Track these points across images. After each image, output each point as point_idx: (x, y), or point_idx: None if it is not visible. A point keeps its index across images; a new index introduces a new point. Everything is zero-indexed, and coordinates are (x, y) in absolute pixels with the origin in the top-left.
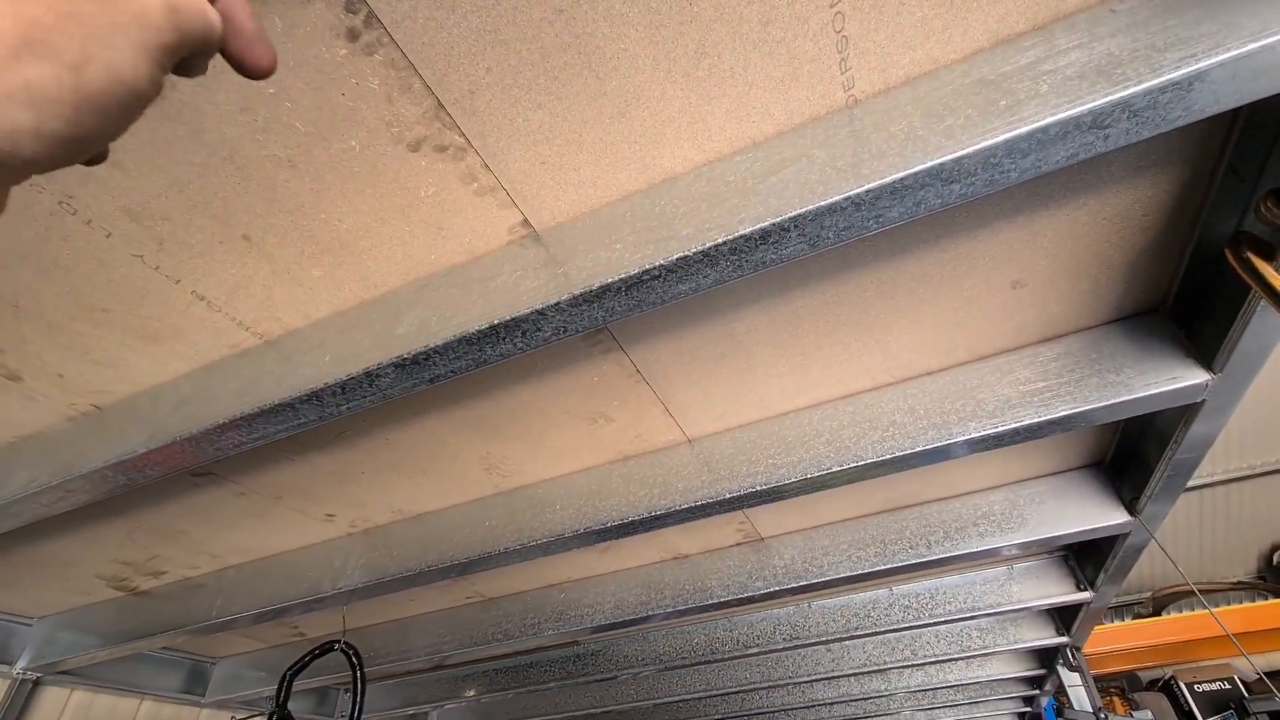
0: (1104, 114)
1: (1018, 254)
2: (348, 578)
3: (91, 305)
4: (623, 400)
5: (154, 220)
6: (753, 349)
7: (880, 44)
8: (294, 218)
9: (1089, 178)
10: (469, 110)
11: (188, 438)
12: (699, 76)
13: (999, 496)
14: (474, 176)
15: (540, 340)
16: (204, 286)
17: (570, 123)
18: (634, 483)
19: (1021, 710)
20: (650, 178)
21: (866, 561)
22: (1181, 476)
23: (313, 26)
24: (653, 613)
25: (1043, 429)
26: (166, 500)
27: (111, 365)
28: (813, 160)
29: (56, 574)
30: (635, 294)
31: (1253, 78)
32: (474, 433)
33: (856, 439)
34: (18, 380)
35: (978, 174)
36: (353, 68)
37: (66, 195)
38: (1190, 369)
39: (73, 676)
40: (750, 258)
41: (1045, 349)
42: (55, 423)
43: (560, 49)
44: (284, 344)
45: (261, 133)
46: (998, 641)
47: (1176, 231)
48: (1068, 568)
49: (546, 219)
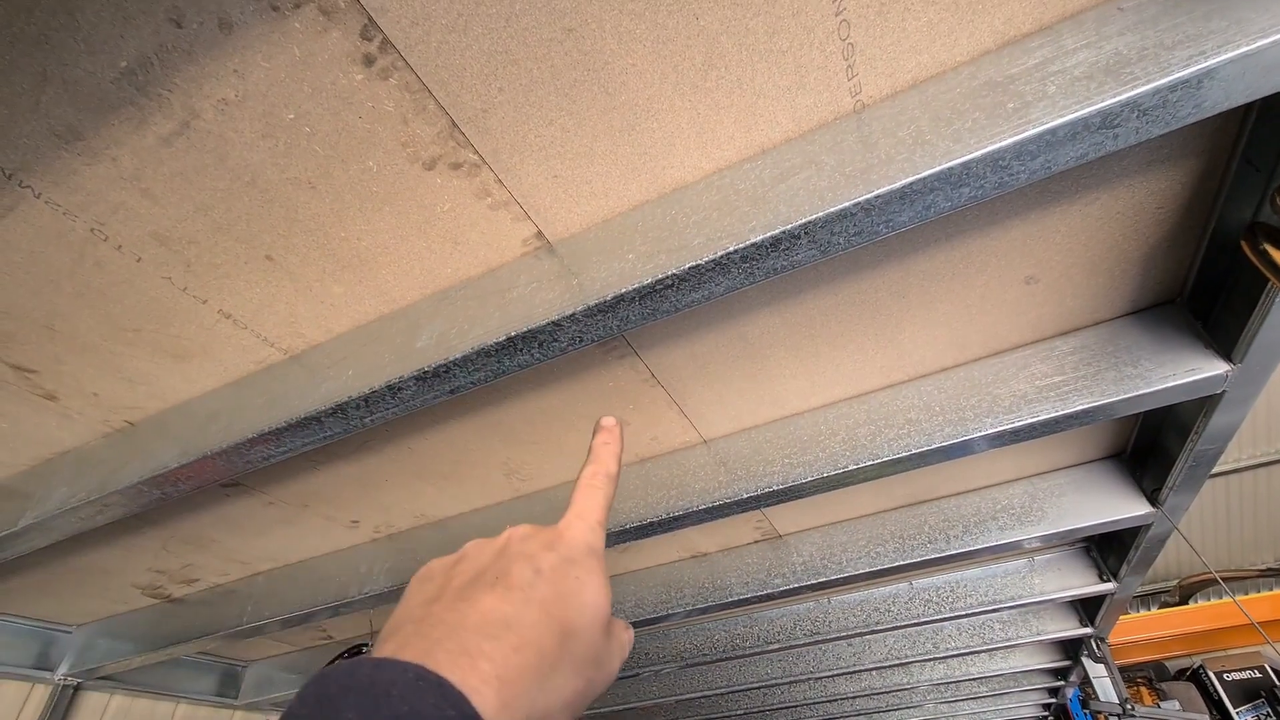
0: (1113, 114)
1: (1030, 250)
2: (373, 582)
3: (123, 326)
4: (638, 404)
5: (182, 244)
6: (766, 351)
7: (886, 49)
8: (315, 237)
9: (1101, 173)
10: (482, 128)
11: (218, 452)
12: (707, 88)
13: (1019, 490)
14: (488, 192)
15: (557, 350)
16: (230, 305)
17: (581, 137)
18: (652, 484)
19: (1046, 702)
20: (661, 188)
21: (886, 557)
22: (1204, 467)
23: (329, 55)
24: (673, 611)
25: (1060, 423)
26: (198, 511)
27: (144, 383)
28: (822, 167)
29: (94, 583)
30: (649, 303)
31: (1264, 73)
32: (494, 438)
33: (872, 437)
34: (54, 399)
35: (986, 177)
36: (369, 92)
37: (98, 223)
38: (1209, 360)
39: (112, 681)
40: (762, 265)
41: (1061, 343)
42: (91, 439)
43: (570, 66)
44: (308, 359)
45: (283, 157)
46: (1020, 634)
47: (1191, 223)
48: (1090, 559)
49: (560, 231)
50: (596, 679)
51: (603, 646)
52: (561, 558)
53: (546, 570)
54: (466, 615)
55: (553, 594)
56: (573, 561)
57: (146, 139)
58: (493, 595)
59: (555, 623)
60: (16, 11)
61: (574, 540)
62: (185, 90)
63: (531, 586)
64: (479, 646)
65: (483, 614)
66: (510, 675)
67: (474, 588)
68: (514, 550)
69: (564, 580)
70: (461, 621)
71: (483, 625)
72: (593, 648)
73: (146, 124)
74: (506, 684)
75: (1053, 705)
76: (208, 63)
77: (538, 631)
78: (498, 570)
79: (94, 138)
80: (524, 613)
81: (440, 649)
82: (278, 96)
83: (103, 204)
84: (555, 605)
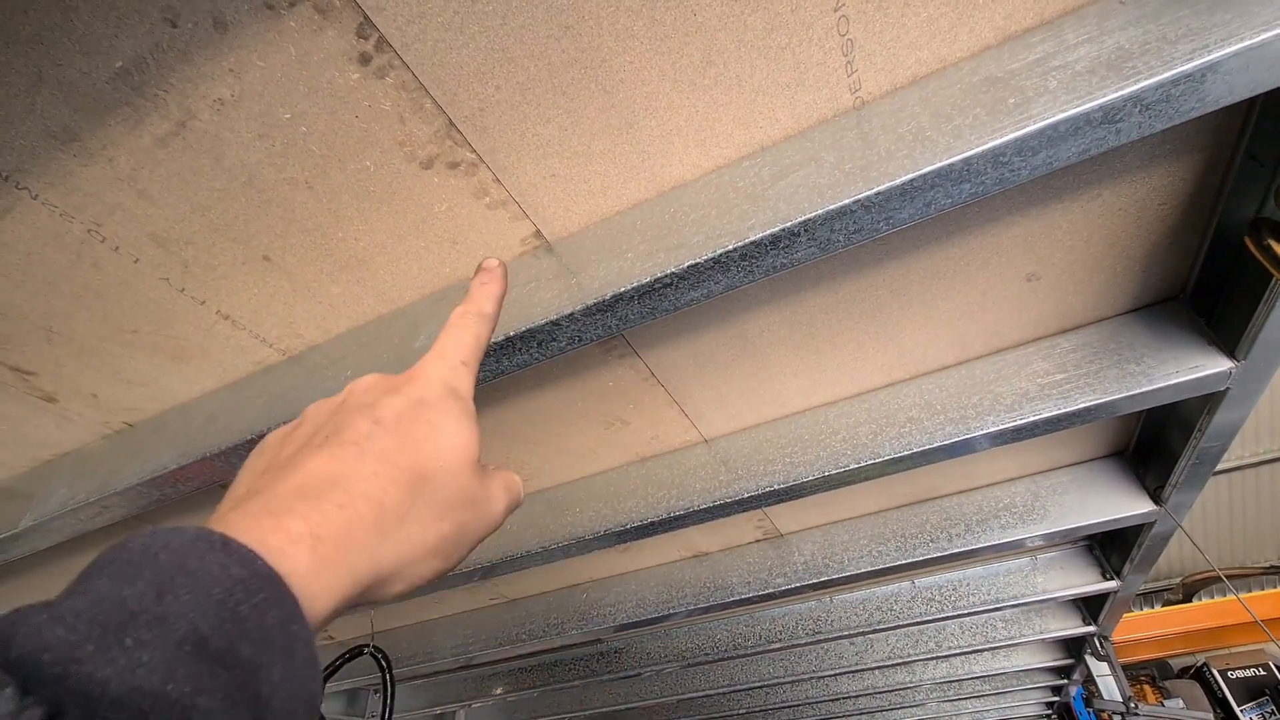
0: (1115, 109)
1: (1032, 247)
2: None
3: (121, 327)
4: (638, 403)
5: (179, 245)
6: (766, 349)
7: (886, 45)
8: (312, 237)
9: (1103, 169)
10: (479, 127)
11: (217, 453)
12: (705, 85)
13: (1021, 488)
14: (486, 191)
15: (556, 350)
16: (228, 306)
17: (579, 135)
18: (652, 484)
19: (1050, 700)
20: (660, 186)
21: (887, 556)
22: (1207, 464)
23: (325, 54)
24: (674, 610)
25: (1062, 421)
26: (198, 513)
27: (142, 384)
28: (821, 164)
29: None
30: (648, 302)
31: (1268, 67)
32: (492, 438)
33: (873, 436)
34: (53, 401)
35: (987, 173)
36: (365, 91)
37: (96, 224)
38: (1212, 357)
39: None
40: (761, 263)
41: (1063, 340)
42: (90, 441)
43: (567, 64)
44: (306, 359)
45: (279, 157)
46: (1023, 632)
47: (1195, 219)
48: (1093, 557)
49: (558, 230)
50: (471, 522)
51: (476, 489)
52: (409, 400)
53: (388, 418)
54: (286, 480)
55: (395, 443)
56: (423, 403)
57: (143, 139)
58: (320, 455)
59: (401, 471)
60: (11, 12)
61: (427, 380)
62: (181, 90)
63: (368, 439)
64: (290, 507)
65: (304, 476)
66: (331, 532)
67: (303, 452)
68: (352, 404)
69: (412, 425)
70: (276, 488)
71: (301, 488)
72: (461, 491)
73: (142, 124)
74: (324, 541)
75: (1056, 704)
76: (203, 62)
77: (374, 484)
78: (330, 428)
79: (90, 138)
80: (357, 468)
81: (240, 513)
82: (274, 96)
83: (100, 205)
84: (400, 454)
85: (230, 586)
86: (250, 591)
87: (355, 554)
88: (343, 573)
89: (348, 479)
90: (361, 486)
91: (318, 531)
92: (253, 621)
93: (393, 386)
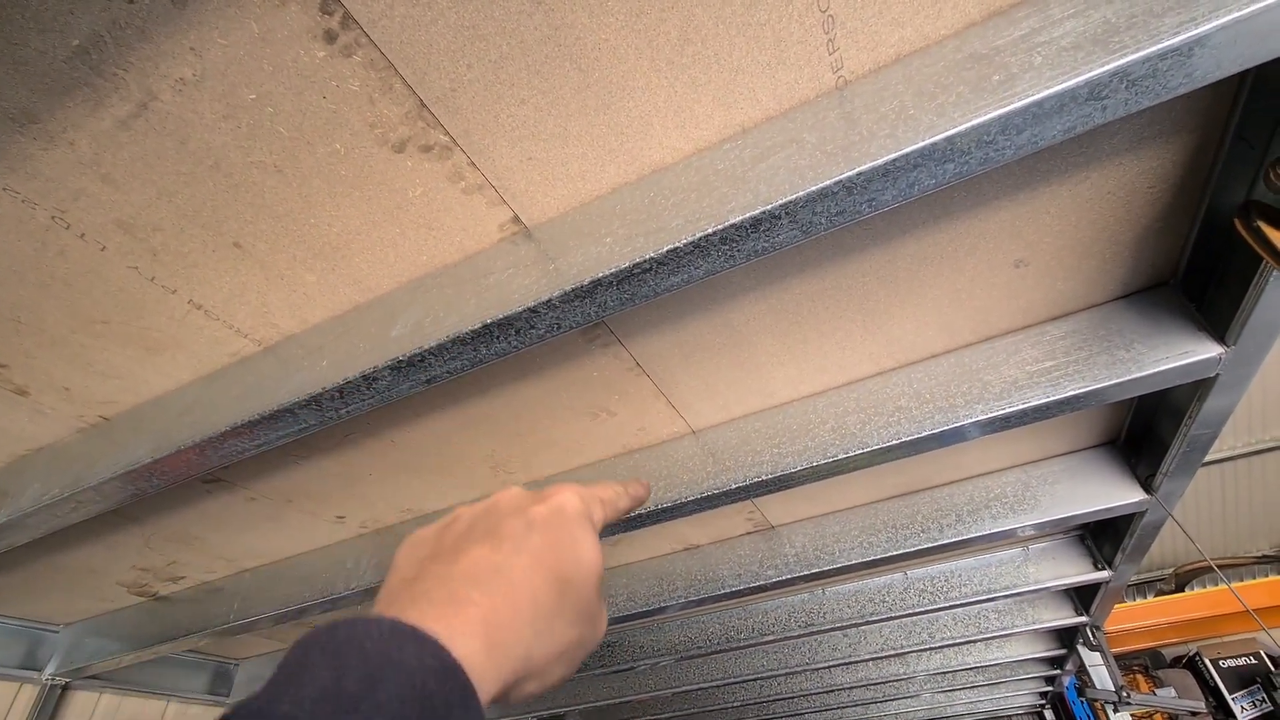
0: (1101, 84)
1: (1020, 232)
2: (360, 577)
3: (91, 318)
4: (624, 394)
5: (146, 231)
6: (753, 338)
7: (868, 22)
8: (284, 223)
9: (1091, 151)
10: (452, 108)
11: (192, 446)
12: (683, 64)
13: (1012, 478)
14: (461, 175)
15: (535, 338)
16: (200, 295)
17: (555, 117)
18: (640, 475)
19: (1043, 690)
20: (639, 169)
21: (879, 547)
22: (1198, 452)
23: (289, 30)
24: (666, 604)
25: (1051, 409)
26: (181, 507)
27: (116, 376)
28: (803, 145)
29: (80, 582)
30: (627, 287)
31: (1258, 40)
32: (478, 431)
33: (862, 425)
34: (25, 394)
35: (971, 152)
36: (332, 70)
37: (59, 210)
38: (1203, 343)
39: (100, 680)
40: (742, 247)
41: (1052, 327)
42: (64, 435)
43: (540, 42)
44: (281, 350)
45: (246, 140)
46: (1016, 623)
47: (1184, 202)
48: (1084, 547)
49: (536, 215)
50: (588, 636)
51: (597, 606)
52: (553, 509)
53: (538, 523)
54: (455, 564)
55: (545, 544)
56: (565, 516)
57: (104, 122)
58: (483, 546)
59: (550, 571)
60: None
61: (566, 501)
62: (141, 69)
63: (524, 537)
64: (467, 594)
65: (471, 562)
66: (500, 619)
67: (465, 541)
68: (504, 507)
69: (558, 532)
70: (449, 571)
71: (472, 572)
72: (589, 603)
73: (103, 105)
74: (495, 627)
75: (1049, 694)
76: (162, 40)
77: (530, 577)
78: (486, 526)
79: (49, 120)
80: (515, 560)
81: (426, 599)
82: (237, 75)
83: (62, 190)
84: (548, 554)
85: (426, 678)
86: (441, 681)
87: (515, 643)
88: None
89: (508, 569)
90: (521, 578)
91: (488, 618)
92: (443, 710)
93: (538, 497)
